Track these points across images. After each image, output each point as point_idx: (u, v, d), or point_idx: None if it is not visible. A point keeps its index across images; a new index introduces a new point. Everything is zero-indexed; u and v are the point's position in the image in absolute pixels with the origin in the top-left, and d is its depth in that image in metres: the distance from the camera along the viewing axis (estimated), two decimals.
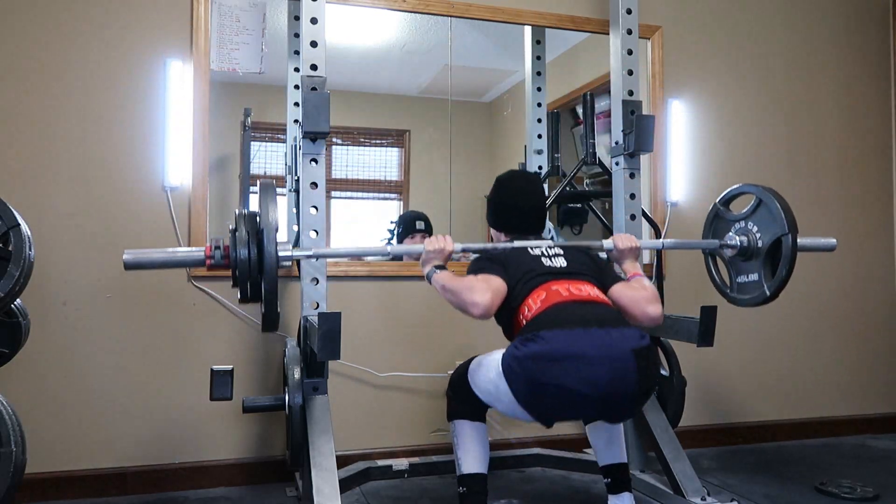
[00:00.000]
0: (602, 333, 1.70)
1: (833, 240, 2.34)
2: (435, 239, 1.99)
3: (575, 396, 1.67)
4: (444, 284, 1.89)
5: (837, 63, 3.42)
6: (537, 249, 2.01)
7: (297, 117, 2.52)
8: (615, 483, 2.03)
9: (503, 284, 1.88)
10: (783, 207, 2.07)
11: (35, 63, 2.37)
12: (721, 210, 2.32)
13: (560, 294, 1.84)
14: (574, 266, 1.97)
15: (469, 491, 1.92)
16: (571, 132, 3.38)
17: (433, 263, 1.97)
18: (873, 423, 3.35)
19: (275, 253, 1.73)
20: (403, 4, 2.74)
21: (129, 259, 1.75)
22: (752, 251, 2.18)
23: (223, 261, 1.77)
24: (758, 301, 2.18)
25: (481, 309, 1.78)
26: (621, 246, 2.12)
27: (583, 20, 2.97)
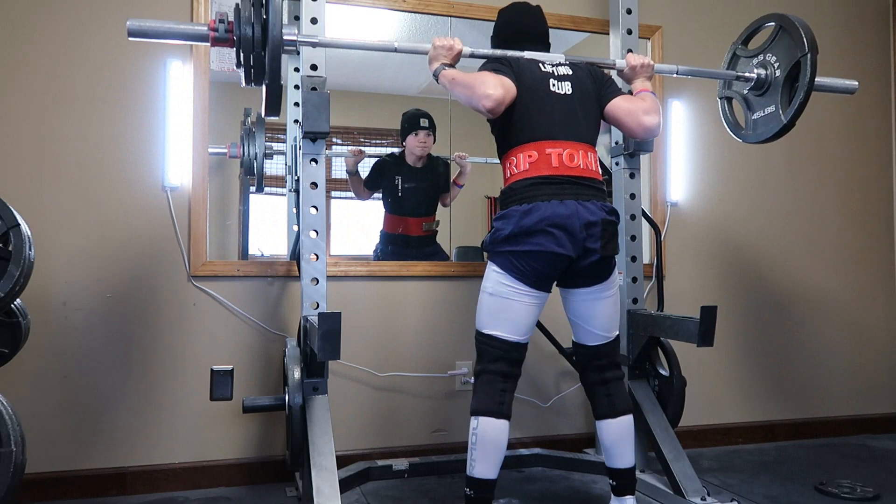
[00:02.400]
0: (577, 205, 1.86)
1: (854, 82, 2.27)
2: (444, 38, 1.98)
3: (551, 257, 1.85)
4: (454, 77, 1.89)
5: (837, 63, 3.42)
6: (548, 66, 2.01)
7: (297, 117, 2.52)
8: (621, 486, 2.01)
9: (513, 85, 1.89)
10: (804, 29, 1.98)
11: (35, 63, 2.38)
12: (739, 48, 2.24)
13: (550, 163, 1.90)
14: (578, 93, 1.98)
15: (476, 495, 1.87)
16: None
17: (441, 60, 1.96)
18: (873, 423, 3.35)
19: (279, 29, 1.72)
20: (403, 4, 2.74)
21: (132, 26, 1.75)
22: (769, 82, 2.12)
23: (227, 34, 1.75)
24: (774, 132, 2.11)
25: (493, 101, 1.81)
26: (633, 62, 2.11)
27: (583, 20, 2.98)
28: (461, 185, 3.16)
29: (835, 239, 3.36)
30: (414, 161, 3.12)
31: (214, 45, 1.80)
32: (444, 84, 1.94)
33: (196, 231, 2.49)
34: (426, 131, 3.08)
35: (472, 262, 2.93)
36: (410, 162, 3.13)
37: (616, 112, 2.00)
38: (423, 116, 3.11)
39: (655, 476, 2.48)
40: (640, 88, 2.08)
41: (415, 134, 3.09)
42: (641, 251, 2.63)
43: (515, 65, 1.96)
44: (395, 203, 3.10)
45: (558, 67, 2.01)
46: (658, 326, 2.38)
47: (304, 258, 2.17)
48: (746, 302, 3.19)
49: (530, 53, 2.03)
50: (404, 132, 3.13)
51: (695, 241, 3.11)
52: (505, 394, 1.90)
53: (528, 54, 2.02)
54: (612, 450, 2.02)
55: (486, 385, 1.90)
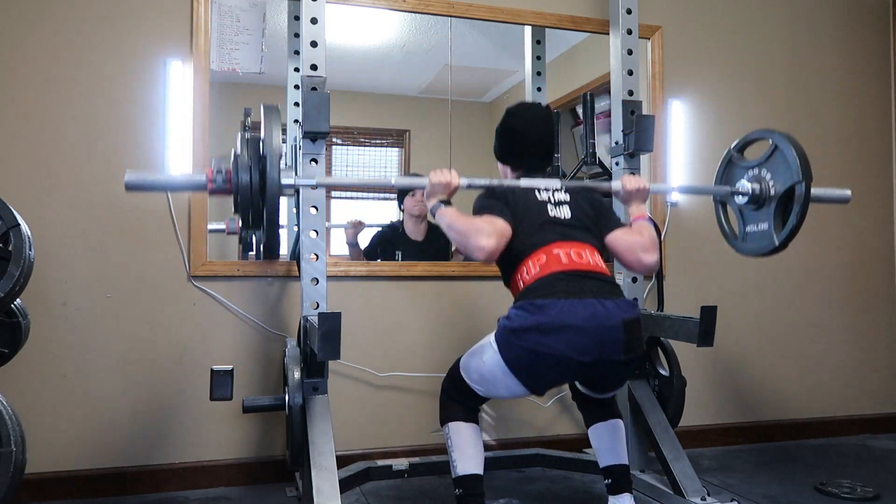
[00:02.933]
0: (595, 303, 1.77)
1: (847, 191, 2.25)
2: (440, 172, 1.96)
3: (566, 362, 1.75)
4: (451, 223, 1.88)
5: (837, 63, 3.42)
6: (544, 193, 2.01)
7: (297, 117, 2.52)
8: (616, 484, 2.03)
9: (508, 227, 1.88)
10: (799, 154, 1.99)
11: (35, 63, 2.38)
12: (735, 156, 2.24)
13: (560, 261, 1.86)
14: (577, 218, 1.98)
15: (466, 492, 1.90)
16: (571, 132, 3.38)
17: (438, 197, 1.96)
18: (873, 423, 3.35)
19: (277, 178, 1.72)
20: (403, 4, 2.74)
21: (130, 179, 1.72)
22: (764, 199, 2.10)
23: (225, 185, 1.75)
24: (766, 251, 2.11)
25: (486, 253, 1.81)
26: (629, 187, 2.10)
27: (583, 20, 2.97)
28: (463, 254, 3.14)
29: (835, 239, 3.36)
30: (413, 231, 3.10)
31: (212, 194, 1.79)
32: (440, 223, 1.93)
33: (196, 231, 2.49)
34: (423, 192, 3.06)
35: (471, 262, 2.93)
36: (410, 232, 3.10)
37: (616, 245, 1.99)
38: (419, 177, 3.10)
39: (655, 476, 2.47)
40: (637, 215, 2.08)
41: (411, 195, 3.09)
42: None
43: (511, 199, 1.96)
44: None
45: (555, 193, 2.02)
46: (658, 326, 2.38)
47: (304, 258, 2.17)
48: (746, 302, 3.19)
49: (527, 182, 2.03)
50: (401, 195, 3.13)
51: (695, 241, 3.11)
52: (470, 411, 1.99)
53: (525, 182, 2.02)
54: (603, 448, 2.06)
55: (451, 404, 2.01)
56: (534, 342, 1.74)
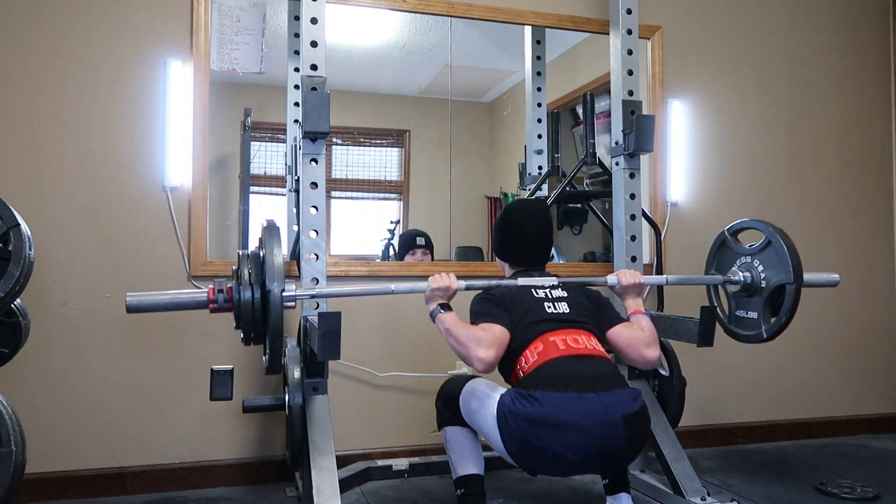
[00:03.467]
0: (594, 399, 1.73)
1: (836, 275, 2.34)
2: (439, 277, 1.96)
3: (563, 460, 1.73)
4: (450, 330, 1.88)
5: (837, 63, 3.42)
6: (541, 291, 2.02)
7: (297, 117, 2.52)
8: (613, 484, 2.03)
9: (505, 333, 1.89)
10: (791, 253, 2.06)
11: (35, 63, 2.37)
12: (729, 239, 2.31)
13: (557, 347, 1.86)
14: (574, 312, 1.99)
15: (467, 492, 1.92)
16: (571, 132, 3.38)
17: (438, 302, 1.95)
18: (873, 423, 3.35)
19: (279, 297, 1.73)
20: (403, 4, 2.74)
21: (131, 302, 1.76)
22: (755, 289, 2.18)
23: (226, 304, 1.77)
24: (754, 340, 2.20)
25: (485, 365, 1.82)
26: (625, 282, 2.12)
27: (583, 20, 2.97)
28: None
29: (835, 238, 3.36)
30: None
31: (214, 312, 1.82)
32: (439, 329, 1.93)
33: (196, 231, 2.49)
34: (423, 249, 3.08)
35: (471, 262, 2.93)
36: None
37: (618, 340, 2.01)
38: (419, 235, 3.11)
39: (655, 476, 2.48)
40: (634, 310, 2.09)
41: (412, 253, 3.08)
42: (641, 251, 2.63)
43: (509, 301, 1.97)
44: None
45: (552, 290, 2.03)
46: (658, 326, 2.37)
47: (304, 258, 2.17)
48: None
49: (524, 281, 2.04)
50: (401, 252, 3.13)
51: (695, 241, 3.10)
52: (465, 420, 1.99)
53: (522, 281, 2.03)
54: None
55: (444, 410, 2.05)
56: (528, 432, 1.72)
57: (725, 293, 2.33)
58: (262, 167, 3.02)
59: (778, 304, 2.10)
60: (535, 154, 3.06)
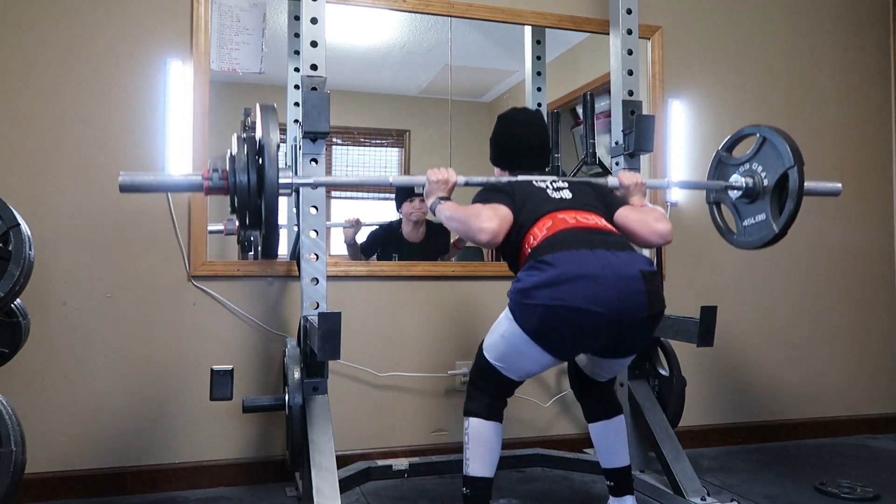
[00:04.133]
0: (608, 255, 1.68)
1: (838, 184, 2.26)
2: (438, 170, 1.98)
3: (586, 317, 1.63)
4: (451, 213, 1.89)
5: (837, 63, 3.42)
6: (542, 182, 2.00)
7: (298, 117, 2.52)
8: (618, 486, 2.02)
9: (509, 213, 1.87)
10: (788, 142, 2.01)
11: (35, 63, 2.38)
12: (724, 156, 2.26)
13: (566, 221, 1.83)
14: (579, 198, 1.96)
15: (473, 494, 1.87)
16: (571, 132, 3.38)
17: (437, 195, 1.97)
18: (873, 423, 3.35)
19: (276, 178, 1.70)
20: (403, 4, 2.74)
21: (124, 180, 1.72)
22: (758, 191, 2.12)
23: (221, 184, 1.72)
24: (767, 240, 2.11)
25: (489, 234, 1.79)
26: (626, 182, 2.09)
27: (583, 20, 2.97)
28: (461, 247, 3.15)
29: (834, 238, 3.36)
30: (411, 234, 3.09)
31: (209, 194, 1.77)
32: (441, 218, 1.93)
33: (196, 231, 2.49)
34: (420, 197, 3.06)
35: (472, 262, 2.93)
36: (408, 236, 3.10)
37: (626, 221, 1.95)
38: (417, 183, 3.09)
39: (655, 476, 2.47)
40: (639, 204, 2.07)
41: (409, 201, 3.08)
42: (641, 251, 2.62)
43: (511, 190, 1.96)
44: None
45: (553, 183, 2.02)
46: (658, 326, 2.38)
47: (304, 258, 2.17)
48: (746, 302, 3.19)
49: (524, 177, 2.03)
50: (399, 199, 3.12)
51: (695, 241, 3.11)
52: (496, 400, 1.91)
53: (523, 177, 2.03)
54: (606, 450, 2.04)
55: (478, 391, 1.92)
56: (546, 297, 1.64)
57: (729, 208, 2.27)
58: None
59: (784, 200, 2.03)
60: None
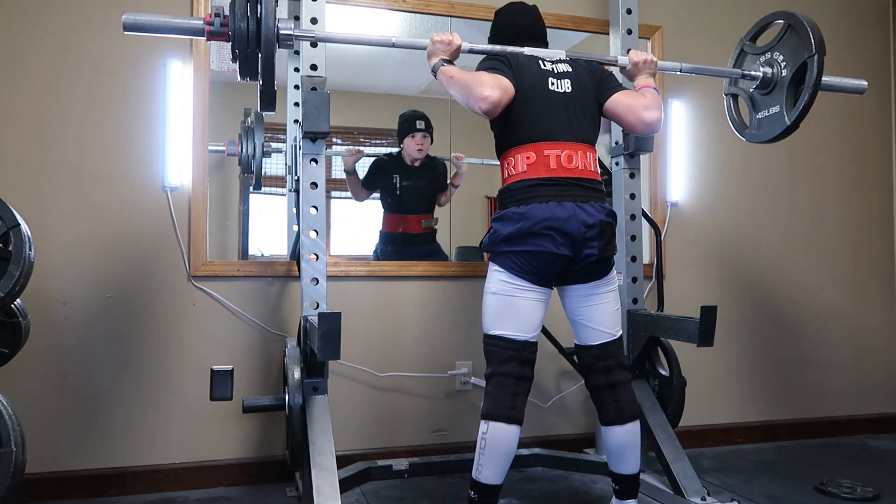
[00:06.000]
0: (573, 206, 1.86)
1: (864, 82, 2.21)
2: (442, 33, 1.96)
3: (550, 256, 1.85)
4: (453, 76, 1.88)
5: (837, 63, 3.41)
6: (548, 63, 1.99)
7: (297, 117, 2.52)
8: (624, 491, 1.99)
9: (511, 86, 1.87)
10: (812, 29, 1.95)
11: (35, 63, 2.38)
12: (747, 45, 2.21)
13: (548, 165, 1.89)
14: (577, 90, 1.96)
15: (480, 500, 1.84)
16: None
17: (440, 56, 1.95)
18: (873, 423, 3.35)
19: (273, 25, 1.73)
20: (403, 4, 2.74)
21: (127, 20, 1.74)
22: (775, 81, 2.08)
23: (222, 29, 1.75)
24: (777, 132, 2.08)
25: (489, 103, 1.80)
26: (636, 59, 2.08)
27: (583, 20, 2.98)
28: (457, 185, 3.17)
29: (835, 238, 3.36)
30: (412, 161, 3.12)
31: (210, 39, 1.80)
32: (441, 80, 1.93)
33: (196, 231, 2.49)
34: (423, 133, 3.08)
35: (471, 262, 2.93)
36: (408, 161, 3.12)
37: (615, 108, 1.98)
38: (419, 118, 3.10)
39: (655, 476, 2.47)
40: (643, 84, 2.05)
41: (412, 136, 3.09)
42: (641, 251, 2.62)
43: (514, 62, 1.95)
44: (393, 202, 3.10)
45: (558, 65, 2.00)
46: (658, 326, 2.38)
47: (304, 258, 2.17)
48: (746, 302, 3.19)
49: (530, 50, 2.01)
50: (401, 134, 3.13)
51: (695, 241, 3.11)
52: (517, 398, 1.84)
53: (529, 51, 2.01)
54: (618, 455, 1.98)
55: (498, 388, 1.85)
56: (521, 244, 1.85)
57: (745, 99, 2.22)
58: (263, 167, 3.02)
59: (800, 91, 1.98)
60: None
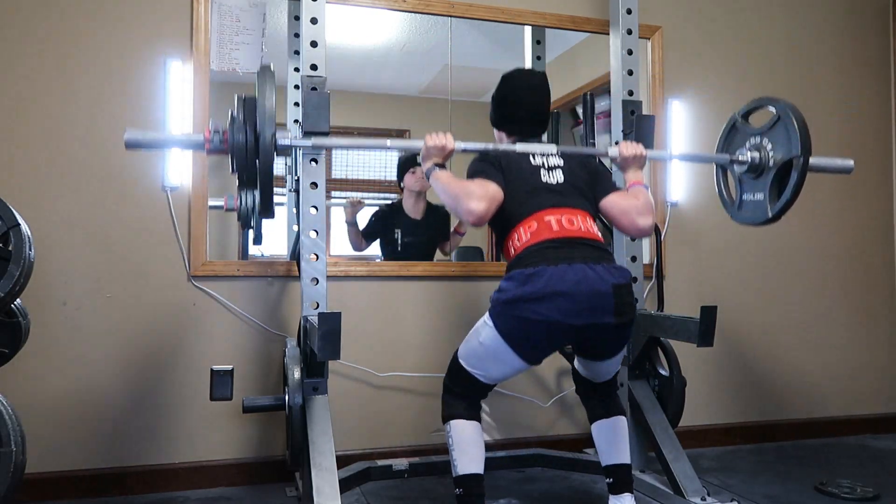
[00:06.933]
0: (586, 269, 1.79)
1: (850, 161, 2.23)
2: (436, 135, 1.98)
3: (557, 327, 1.78)
4: (443, 185, 1.91)
5: (837, 63, 3.42)
6: (539, 158, 2.01)
7: (298, 117, 2.52)
8: (617, 483, 2.02)
9: (499, 191, 1.89)
10: (800, 127, 1.98)
11: (35, 63, 2.38)
12: (739, 122, 2.24)
13: (550, 228, 1.88)
14: (570, 182, 1.98)
15: (466, 492, 1.89)
16: (571, 132, 3.37)
17: (434, 160, 1.97)
18: (873, 423, 3.35)
19: (271, 137, 1.75)
20: (403, 4, 2.74)
21: (129, 137, 1.75)
22: (763, 168, 2.10)
23: (221, 145, 1.78)
24: (758, 221, 2.11)
25: (475, 217, 1.84)
26: (626, 153, 2.09)
27: (583, 20, 2.98)
28: (462, 232, 3.16)
29: (835, 238, 3.36)
30: (412, 209, 3.10)
31: (210, 154, 1.84)
32: (433, 185, 1.95)
33: (196, 231, 2.49)
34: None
35: (471, 262, 2.94)
36: (409, 211, 3.10)
37: (611, 209, 2.00)
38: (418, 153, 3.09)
39: (655, 476, 2.48)
40: (633, 181, 2.08)
41: (412, 172, 3.09)
42: (641, 251, 2.63)
43: (505, 162, 1.97)
44: (392, 252, 3.09)
45: (549, 158, 2.03)
46: (658, 326, 2.38)
47: (304, 258, 2.17)
48: (746, 302, 3.19)
49: (522, 146, 2.03)
50: (401, 172, 3.13)
51: (695, 241, 3.11)
52: (472, 408, 1.98)
53: (520, 147, 2.02)
54: (606, 447, 2.05)
55: (452, 400, 2.00)
56: (526, 311, 1.77)
57: (734, 178, 2.24)
58: None
59: (784, 185, 2.02)
60: None
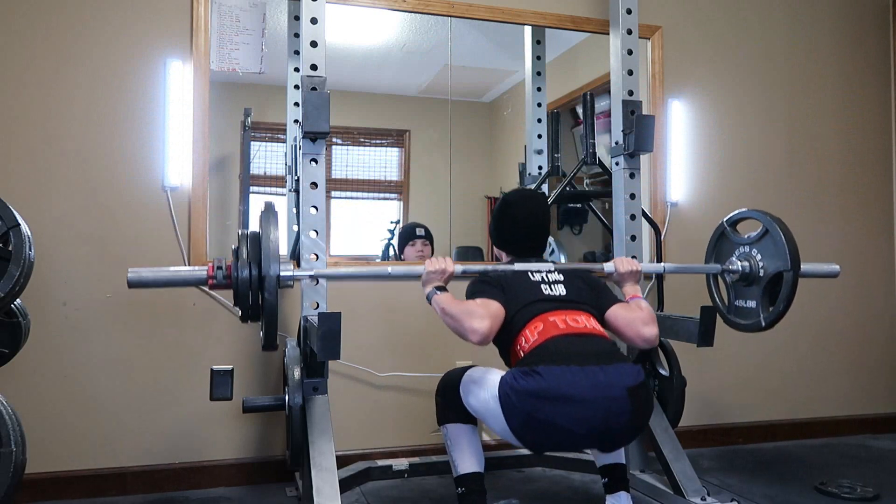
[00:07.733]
0: (598, 371, 1.73)
1: (836, 266, 2.35)
2: (436, 259, 1.99)
3: (568, 434, 1.72)
4: (444, 308, 1.89)
5: (837, 63, 3.42)
6: (538, 275, 2.03)
7: (297, 117, 2.52)
8: (612, 482, 2.04)
9: (501, 309, 1.89)
10: (788, 241, 2.07)
11: (35, 63, 2.38)
12: (728, 230, 2.32)
13: (557, 326, 1.87)
14: (572, 294, 1.99)
15: (468, 490, 1.92)
16: (571, 132, 3.38)
17: (434, 284, 1.97)
18: (873, 423, 3.35)
19: (276, 273, 1.76)
20: (403, 4, 2.74)
21: (132, 277, 1.77)
22: (753, 278, 2.19)
23: (225, 280, 1.81)
24: (753, 329, 2.21)
25: (479, 336, 1.80)
26: (622, 269, 2.13)
27: (583, 20, 2.98)
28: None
29: (835, 238, 3.36)
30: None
31: (213, 289, 1.88)
32: (435, 309, 1.94)
33: (196, 231, 2.49)
34: (423, 240, 3.10)
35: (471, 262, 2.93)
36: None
37: (616, 321, 2.00)
38: (418, 226, 3.14)
39: (655, 476, 2.48)
40: (632, 294, 2.10)
41: (412, 244, 3.10)
42: (641, 251, 2.63)
43: (505, 282, 1.98)
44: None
45: (549, 274, 2.04)
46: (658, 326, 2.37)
47: (304, 258, 2.17)
48: None
49: (520, 265, 2.05)
50: (402, 243, 3.14)
51: (695, 241, 3.10)
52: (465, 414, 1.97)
53: (518, 266, 2.04)
54: None
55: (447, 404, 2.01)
56: (532, 407, 1.70)
57: (725, 283, 2.34)
58: (262, 167, 3.02)
59: (776, 293, 2.11)
60: (535, 154, 3.06)
